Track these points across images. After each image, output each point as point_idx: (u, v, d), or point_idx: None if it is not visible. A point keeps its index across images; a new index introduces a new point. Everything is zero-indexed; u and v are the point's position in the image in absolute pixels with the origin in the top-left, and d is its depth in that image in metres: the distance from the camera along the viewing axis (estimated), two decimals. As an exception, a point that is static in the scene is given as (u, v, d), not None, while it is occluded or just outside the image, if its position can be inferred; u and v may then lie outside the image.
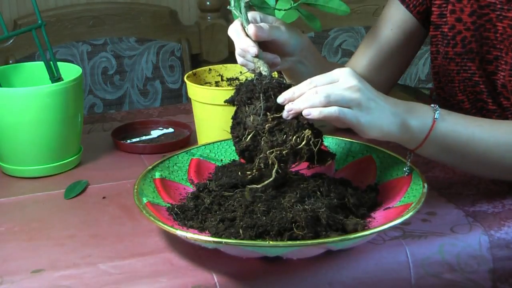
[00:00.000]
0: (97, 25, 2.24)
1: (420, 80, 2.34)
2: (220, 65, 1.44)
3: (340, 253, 1.04)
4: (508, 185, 1.22)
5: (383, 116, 1.05)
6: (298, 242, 0.96)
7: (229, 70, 1.43)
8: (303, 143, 1.04)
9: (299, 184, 1.08)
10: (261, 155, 1.05)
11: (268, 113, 1.07)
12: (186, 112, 1.61)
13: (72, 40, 2.21)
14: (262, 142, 1.06)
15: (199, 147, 1.24)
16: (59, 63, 1.40)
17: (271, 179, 1.05)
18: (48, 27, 1.44)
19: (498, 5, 1.26)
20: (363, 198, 1.09)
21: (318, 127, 1.13)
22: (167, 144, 1.43)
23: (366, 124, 1.04)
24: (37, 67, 1.42)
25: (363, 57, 1.43)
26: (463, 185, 1.23)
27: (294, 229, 0.98)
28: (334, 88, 1.03)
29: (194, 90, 1.34)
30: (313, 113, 1.02)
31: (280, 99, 1.05)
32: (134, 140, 1.47)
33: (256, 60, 1.14)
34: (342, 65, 1.59)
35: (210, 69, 1.43)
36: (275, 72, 1.29)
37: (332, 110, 1.02)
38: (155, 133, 1.51)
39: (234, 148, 1.24)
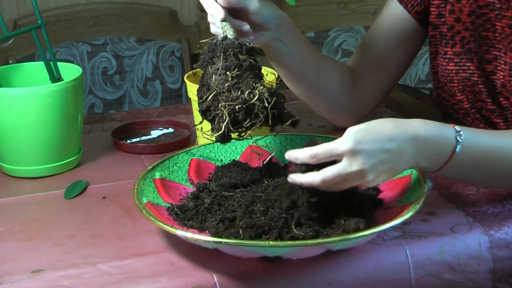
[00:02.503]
0: (97, 25, 2.24)
1: (420, 80, 2.33)
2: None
3: (340, 253, 1.04)
4: (508, 185, 1.23)
5: (398, 167, 1.03)
6: (298, 242, 0.96)
7: (229, 70, 1.42)
8: (255, 98, 1.04)
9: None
10: (218, 112, 1.05)
11: (228, 73, 1.07)
12: (186, 112, 1.61)
13: (72, 40, 2.21)
14: (221, 101, 1.06)
15: (199, 147, 1.24)
16: (59, 63, 1.40)
17: (220, 132, 1.05)
18: (48, 27, 1.44)
19: (497, 4, 1.26)
20: (363, 198, 1.08)
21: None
22: (167, 144, 1.43)
23: (381, 182, 1.04)
24: (37, 67, 1.42)
25: (361, 56, 1.43)
26: (463, 185, 1.23)
27: (294, 229, 0.98)
28: (342, 179, 1.00)
29: (194, 90, 1.34)
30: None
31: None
32: (134, 140, 1.47)
33: (223, 24, 1.14)
34: (331, 58, 1.59)
35: (210, 69, 1.43)
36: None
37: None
38: (155, 133, 1.50)
39: (233, 147, 1.24)
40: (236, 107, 1.03)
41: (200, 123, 1.12)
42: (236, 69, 1.06)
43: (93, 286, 0.98)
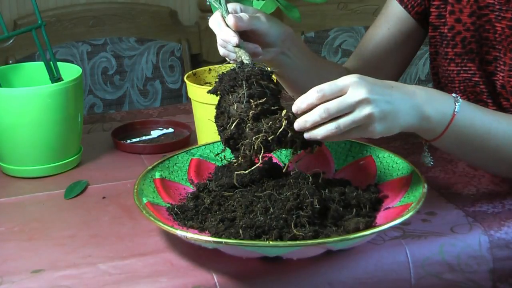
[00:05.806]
0: (97, 25, 2.24)
1: (420, 80, 2.33)
2: (220, 65, 1.44)
3: (340, 253, 1.04)
4: (508, 185, 1.23)
5: (401, 115, 1.05)
6: (298, 242, 0.96)
7: (229, 70, 1.42)
8: (284, 125, 1.04)
9: (299, 184, 1.08)
10: (246, 142, 1.06)
11: (251, 100, 1.07)
12: (186, 112, 1.61)
13: (72, 40, 2.21)
14: (247, 129, 1.06)
15: (199, 147, 1.24)
16: (59, 63, 1.40)
17: (257, 164, 1.06)
18: (48, 27, 1.44)
19: (497, 5, 1.26)
20: (363, 198, 1.09)
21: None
22: (167, 144, 1.43)
23: (384, 131, 1.04)
24: (37, 67, 1.42)
25: (361, 56, 1.43)
26: (463, 185, 1.23)
27: (294, 229, 0.98)
28: (345, 114, 1.02)
29: (194, 90, 1.34)
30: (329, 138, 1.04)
31: (294, 108, 1.04)
32: (134, 140, 1.48)
33: (237, 49, 1.14)
34: (331, 61, 1.59)
35: (210, 69, 1.43)
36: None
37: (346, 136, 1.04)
38: (155, 133, 1.51)
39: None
40: (269, 138, 1.04)
41: (222, 151, 1.14)
42: (262, 97, 1.07)
43: (93, 286, 0.98)
